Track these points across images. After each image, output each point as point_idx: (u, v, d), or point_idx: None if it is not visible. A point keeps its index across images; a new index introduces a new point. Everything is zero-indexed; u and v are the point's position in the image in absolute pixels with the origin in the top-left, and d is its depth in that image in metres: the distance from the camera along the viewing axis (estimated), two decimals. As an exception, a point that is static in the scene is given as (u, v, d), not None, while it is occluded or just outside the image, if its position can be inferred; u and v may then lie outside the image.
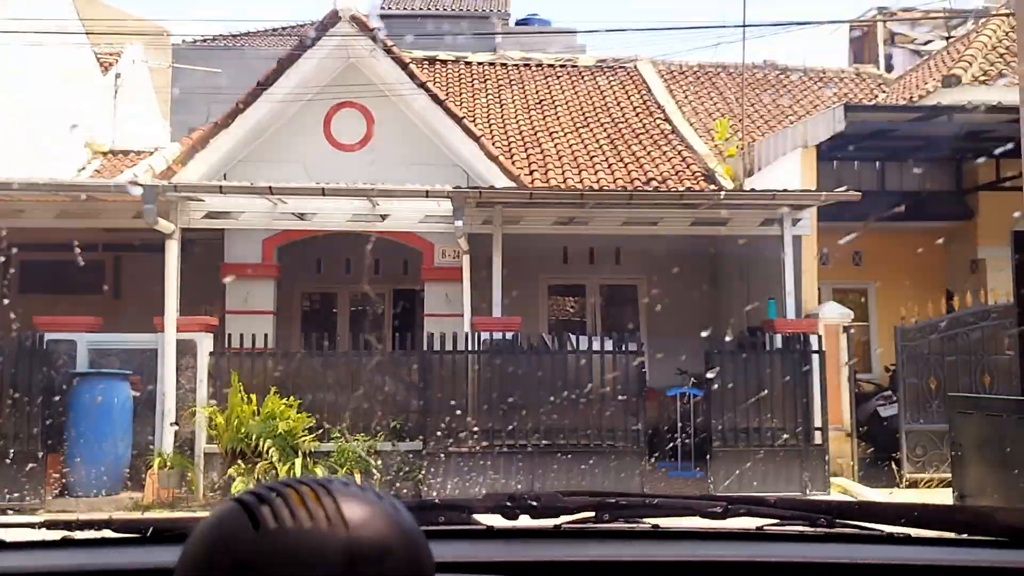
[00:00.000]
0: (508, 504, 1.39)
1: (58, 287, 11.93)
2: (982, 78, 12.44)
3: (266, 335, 10.11)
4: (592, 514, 1.40)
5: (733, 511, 1.41)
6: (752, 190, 11.52)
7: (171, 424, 9.28)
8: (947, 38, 17.69)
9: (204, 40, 19.12)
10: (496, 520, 1.39)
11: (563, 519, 1.41)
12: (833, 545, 1.40)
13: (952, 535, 1.45)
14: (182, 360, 9.57)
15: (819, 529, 1.41)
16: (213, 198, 10.13)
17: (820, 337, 10.00)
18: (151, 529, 1.33)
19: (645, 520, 1.41)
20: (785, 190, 10.27)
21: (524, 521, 1.40)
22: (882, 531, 1.41)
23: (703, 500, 1.44)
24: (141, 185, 9.72)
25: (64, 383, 9.12)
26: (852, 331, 10.82)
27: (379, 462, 9.28)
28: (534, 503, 1.40)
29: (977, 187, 12.81)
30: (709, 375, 9.73)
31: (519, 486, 9.26)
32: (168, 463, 9.15)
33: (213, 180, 11.01)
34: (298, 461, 8.85)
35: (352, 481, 0.76)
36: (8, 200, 9.59)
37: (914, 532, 1.42)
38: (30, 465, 8.81)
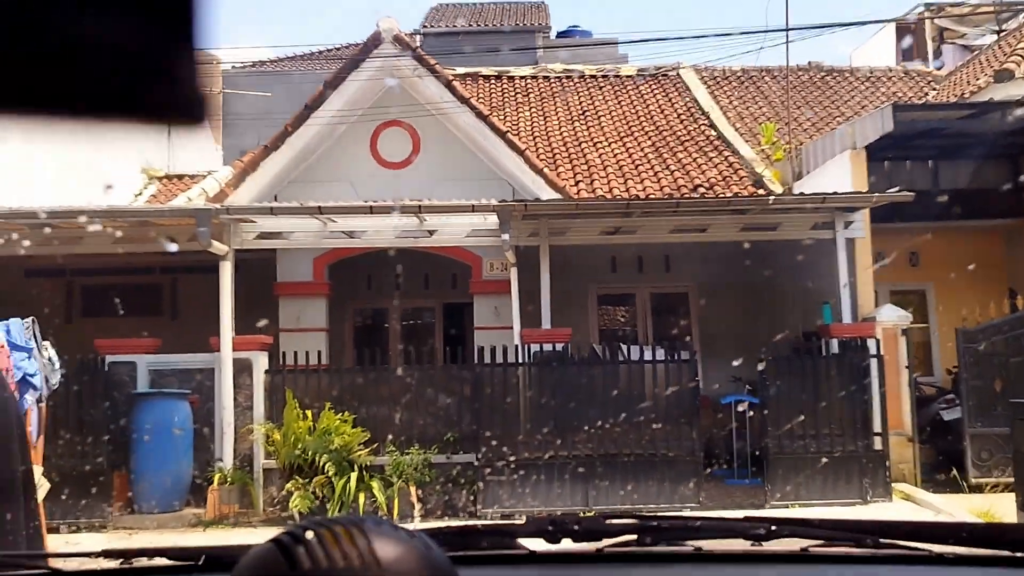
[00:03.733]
0: (550, 528, 1.40)
1: (118, 310, 12.28)
2: (1037, 71, 12.10)
3: (319, 352, 10.27)
4: (634, 537, 1.41)
5: (777, 532, 1.40)
6: (801, 194, 11.36)
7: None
8: (998, 32, 17.24)
9: (253, 65, 19.55)
10: (538, 544, 1.40)
11: (605, 542, 1.41)
12: (879, 567, 1.38)
13: (1006, 554, 1.41)
14: (239, 378, 9.77)
15: (865, 550, 1.39)
16: (265, 219, 10.34)
17: (878, 341, 9.80)
18: (203, 557, 1.37)
19: (687, 542, 1.40)
20: (835, 193, 10.10)
21: (566, 545, 1.41)
22: (931, 551, 1.38)
23: (746, 522, 1.43)
24: (195, 209, 9.97)
25: (126, 404, 9.39)
26: (911, 333, 10.58)
27: (433, 474, 9.35)
28: (576, 527, 1.40)
29: (1036, 182, 12.44)
30: (762, 385, 9.60)
31: (573, 498, 9.24)
32: (228, 479, 9.35)
33: (264, 202, 11.24)
34: (353, 475, 8.96)
35: (385, 520, 0.78)
36: (69, 227, 9.91)
37: (965, 551, 1.39)
38: (97, 483, 9.09)
